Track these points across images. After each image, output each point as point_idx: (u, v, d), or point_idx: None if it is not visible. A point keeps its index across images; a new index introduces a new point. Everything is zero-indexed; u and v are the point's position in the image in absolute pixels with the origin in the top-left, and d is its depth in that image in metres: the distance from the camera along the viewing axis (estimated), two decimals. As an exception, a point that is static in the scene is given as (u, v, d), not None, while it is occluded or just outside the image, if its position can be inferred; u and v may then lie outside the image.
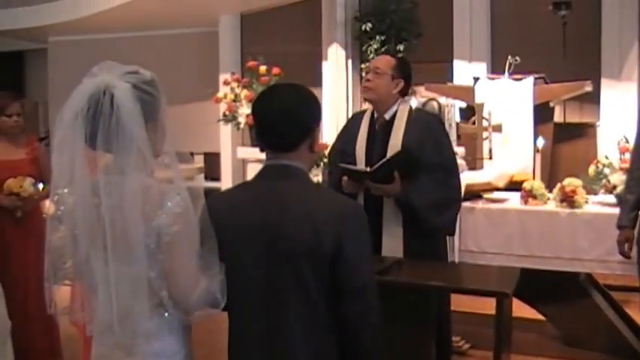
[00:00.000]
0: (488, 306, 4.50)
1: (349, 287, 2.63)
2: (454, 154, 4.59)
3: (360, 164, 4.41)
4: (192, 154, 9.38)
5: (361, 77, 9.09)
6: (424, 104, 7.53)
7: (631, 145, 6.06)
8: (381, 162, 4.26)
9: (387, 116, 4.46)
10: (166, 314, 2.56)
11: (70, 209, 2.58)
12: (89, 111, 2.43)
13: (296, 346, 2.65)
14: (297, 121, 2.74)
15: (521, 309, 5.43)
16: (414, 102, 6.93)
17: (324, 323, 2.67)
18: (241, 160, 9.21)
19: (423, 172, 4.30)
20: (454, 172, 4.48)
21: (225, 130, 9.43)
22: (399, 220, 4.39)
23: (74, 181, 2.51)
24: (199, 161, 9.50)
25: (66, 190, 2.57)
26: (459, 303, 5.32)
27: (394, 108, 4.46)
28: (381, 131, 4.44)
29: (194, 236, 2.50)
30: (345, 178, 4.42)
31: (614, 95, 8.01)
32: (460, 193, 4.58)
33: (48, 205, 6.20)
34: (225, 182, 9.57)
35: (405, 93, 4.51)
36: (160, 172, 2.55)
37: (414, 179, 4.30)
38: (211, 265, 2.55)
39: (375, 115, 4.53)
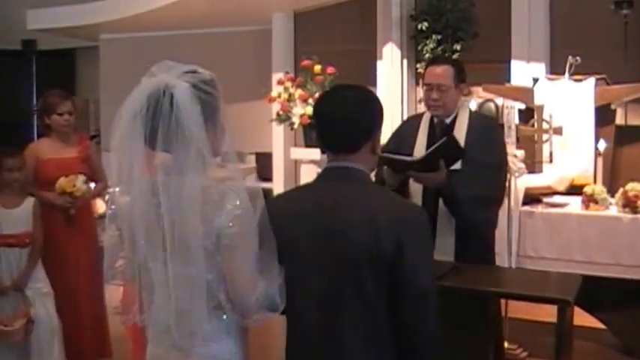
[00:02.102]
0: (544, 313, 4.43)
1: (409, 292, 2.58)
2: (506, 156, 4.57)
3: None
4: (243, 154, 9.40)
5: (417, 77, 9.02)
6: (481, 105, 7.43)
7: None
8: (428, 150, 4.22)
9: (448, 120, 4.46)
10: (224, 317, 2.54)
11: (122, 209, 2.57)
12: (148, 111, 2.42)
13: (355, 353, 2.61)
14: (359, 123, 2.71)
15: (580, 317, 5.29)
16: (473, 103, 6.82)
17: (383, 329, 2.62)
18: (294, 160, 9.17)
19: (470, 168, 4.24)
20: (501, 172, 4.49)
21: (278, 130, 9.38)
22: (452, 221, 4.36)
23: (132, 180, 2.50)
24: (251, 161, 9.50)
25: (117, 189, 2.58)
26: (514, 309, 5.24)
27: (455, 112, 4.46)
28: (441, 135, 4.37)
29: (253, 238, 2.47)
30: (385, 168, 4.35)
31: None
32: (503, 194, 4.56)
33: (98, 204, 6.28)
34: (277, 183, 9.51)
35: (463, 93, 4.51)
36: (215, 172, 2.51)
37: (460, 172, 4.26)
38: (270, 268, 2.53)
39: (435, 120, 4.52)
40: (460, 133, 4.39)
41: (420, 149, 4.45)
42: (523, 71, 8.20)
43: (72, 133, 5.74)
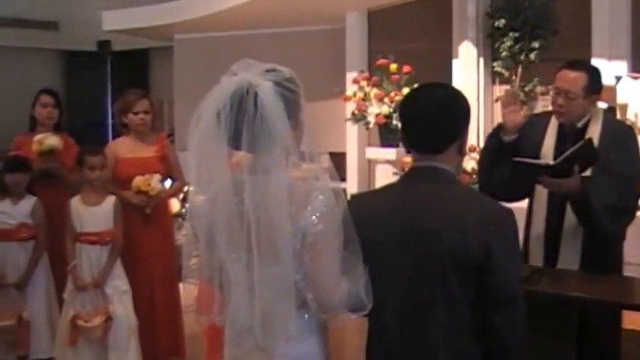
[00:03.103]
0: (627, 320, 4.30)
1: (496, 295, 2.55)
2: None
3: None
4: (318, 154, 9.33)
5: (493, 76, 8.90)
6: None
7: None
8: (564, 155, 4.03)
9: (579, 124, 4.25)
10: (306, 316, 2.52)
11: (198, 208, 2.58)
12: (232, 110, 2.39)
13: (439, 354, 2.58)
14: (447, 123, 2.67)
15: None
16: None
17: (468, 333, 2.58)
18: (368, 160, 9.12)
19: (605, 176, 4.09)
20: (635, 182, 4.23)
21: (352, 130, 9.35)
22: (579, 230, 4.19)
23: (213, 179, 2.49)
24: (325, 161, 9.43)
25: (192, 188, 2.59)
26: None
27: (587, 117, 4.25)
28: (572, 138, 4.20)
29: (338, 237, 2.44)
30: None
31: None
32: (637, 206, 4.28)
33: (173, 203, 6.30)
34: (351, 183, 9.48)
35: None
36: (299, 171, 2.49)
37: (593, 180, 4.08)
38: (355, 267, 2.50)
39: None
40: (593, 138, 4.15)
41: (547, 152, 4.27)
42: (604, 69, 8.00)
43: (149, 132, 5.77)
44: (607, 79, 7.26)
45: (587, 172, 4.08)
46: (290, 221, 2.40)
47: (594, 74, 4.22)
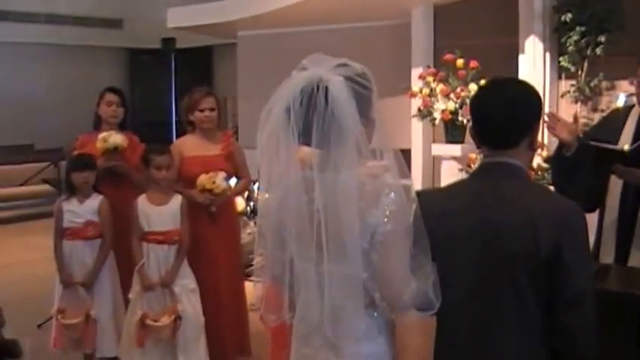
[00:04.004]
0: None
1: (567, 295, 2.53)
2: None
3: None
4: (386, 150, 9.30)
5: (559, 71, 8.79)
6: (625, 99, 7.17)
7: None
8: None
9: None
10: (375, 314, 2.52)
11: (265, 206, 2.60)
12: (302, 105, 2.39)
13: (508, 354, 2.59)
14: (519, 118, 2.67)
15: None
16: (621, 97, 6.56)
17: (538, 333, 2.58)
18: (433, 157, 9.07)
19: None
20: None
21: (417, 127, 9.30)
22: None
23: (282, 176, 2.49)
24: (390, 158, 9.37)
25: (257, 187, 2.57)
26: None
27: None
28: None
29: (408, 235, 2.43)
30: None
31: None
32: None
33: (238, 202, 6.35)
34: (416, 180, 9.41)
35: None
36: (370, 168, 2.50)
37: None
38: (423, 266, 2.48)
39: None
40: None
41: (625, 140, 4.18)
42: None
43: (215, 130, 5.81)
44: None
45: None
46: (359, 219, 2.39)
47: None
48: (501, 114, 2.65)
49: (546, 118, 4.13)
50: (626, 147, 3.98)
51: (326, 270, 2.47)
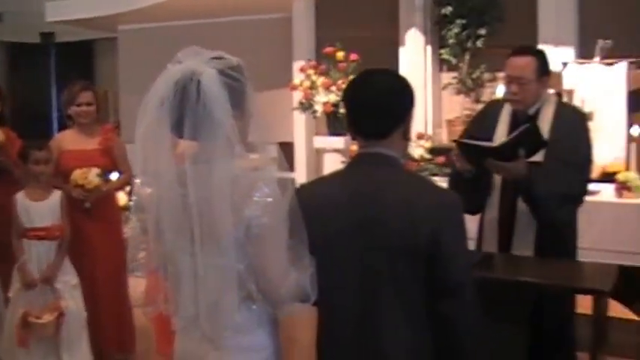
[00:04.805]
0: (579, 304, 4.35)
1: (446, 283, 2.56)
2: (592, 152, 4.34)
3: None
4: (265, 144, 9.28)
5: (440, 64, 8.89)
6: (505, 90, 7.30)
7: None
8: (508, 138, 4.06)
9: (531, 111, 4.27)
10: (254, 307, 2.50)
11: (145, 200, 2.54)
12: (175, 98, 2.38)
13: (389, 343, 2.59)
14: (391, 108, 2.68)
15: (615, 308, 5.18)
16: (500, 89, 6.67)
17: (419, 321, 2.59)
18: (316, 149, 9.07)
19: (554, 162, 4.09)
20: (586, 171, 4.29)
21: (300, 119, 9.29)
22: (532, 217, 4.20)
23: (158, 170, 2.47)
24: (272, 151, 9.37)
25: (138, 181, 2.55)
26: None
27: (538, 104, 4.27)
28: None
29: (284, 227, 2.42)
30: (455, 156, 4.22)
31: None
32: (585, 192, 4.35)
33: (120, 196, 6.26)
34: (299, 173, 9.42)
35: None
36: (246, 161, 2.48)
37: (542, 166, 4.08)
38: (301, 258, 2.48)
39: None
40: (544, 125, 4.21)
41: (500, 139, 4.27)
42: (551, 55, 8.00)
43: (95, 124, 5.74)
44: (554, 66, 7.30)
45: (539, 158, 4.07)
46: (233, 212, 2.37)
47: (542, 57, 4.26)
48: (373, 105, 2.65)
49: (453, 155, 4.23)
50: (496, 143, 4.05)
51: (201, 263, 2.45)
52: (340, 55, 7.95)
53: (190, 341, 2.59)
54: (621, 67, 6.60)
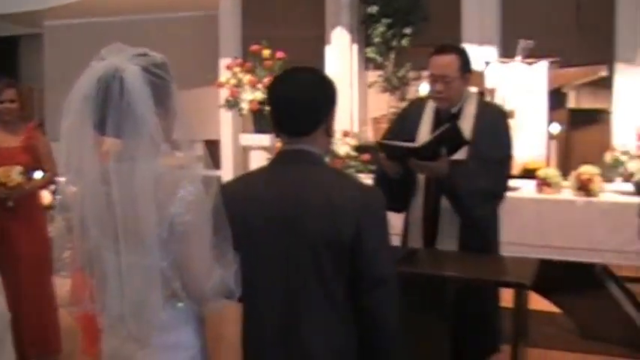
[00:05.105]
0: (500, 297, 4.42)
1: (368, 278, 2.58)
2: (512, 148, 4.41)
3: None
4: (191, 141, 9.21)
5: (366, 62, 8.96)
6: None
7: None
8: (429, 137, 4.10)
9: (454, 110, 4.31)
10: (180, 305, 2.49)
11: (70, 198, 2.51)
12: (98, 95, 2.35)
13: (314, 339, 2.60)
14: (313, 105, 2.69)
15: (535, 301, 5.28)
16: (424, 86, 6.75)
17: (343, 315, 2.61)
18: (242, 147, 9.06)
19: (476, 160, 4.15)
20: (506, 167, 4.35)
21: (226, 117, 9.27)
22: (455, 214, 4.25)
23: (82, 168, 2.43)
24: (199, 149, 9.31)
25: (63, 179, 2.51)
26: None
27: (461, 102, 4.31)
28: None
29: (207, 225, 2.41)
30: (382, 155, 4.25)
31: (629, 80, 7.79)
32: (506, 188, 4.41)
33: (44, 195, 6.15)
34: (226, 171, 9.40)
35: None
36: (170, 159, 2.47)
37: (465, 164, 4.14)
38: (225, 255, 2.47)
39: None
40: (467, 123, 4.25)
41: (423, 138, 4.29)
42: (474, 54, 8.12)
43: (18, 122, 5.63)
44: (477, 65, 7.43)
45: (461, 156, 4.14)
46: (157, 210, 2.36)
47: (464, 55, 4.31)
48: (296, 102, 2.66)
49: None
50: (417, 145, 4.09)
51: (125, 261, 2.42)
52: (267, 53, 7.95)
53: (117, 340, 2.56)
54: (542, 66, 6.73)
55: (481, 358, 4.37)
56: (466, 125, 4.22)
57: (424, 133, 4.34)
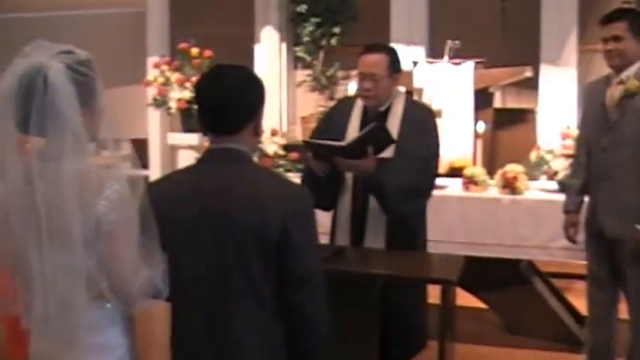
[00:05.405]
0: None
1: (295, 275, 2.60)
2: (439, 147, 4.47)
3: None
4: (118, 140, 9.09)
5: (295, 61, 8.97)
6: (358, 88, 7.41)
7: (572, 131, 6.07)
8: (356, 136, 4.12)
9: (382, 108, 4.35)
10: (108, 305, 2.48)
11: None
12: (21, 93, 2.32)
13: (242, 336, 2.60)
14: (242, 103, 2.69)
15: (462, 297, 5.35)
16: (353, 85, 6.78)
17: (271, 312, 2.62)
18: (170, 146, 9.00)
19: (402, 158, 4.18)
20: (433, 165, 4.40)
21: (154, 116, 9.20)
22: (383, 213, 4.28)
23: (5, 167, 2.39)
24: (126, 148, 9.20)
25: None
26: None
27: (389, 100, 4.35)
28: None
29: (134, 224, 2.40)
30: (309, 154, 4.27)
31: (553, 81, 7.95)
32: (433, 186, 4.47)
33: None
34: (154, 170, 9.32)
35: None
36: (96, 158, 2.45)
37: (391, 162, 4.17)
38: (153, 254, 2.46)
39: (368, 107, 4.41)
40: (394, 121, 4.29)
41: (351, 136, 4.31)
42: (403, 54, 8.18)
43: None
44: (405, 65, 7.48)
45: (389, 154, 4.17)
46: (82, 209, 2.34)
47: (394, 54, 4.36)
48: (223, 101, 2.66)
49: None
50: (344, 143, 4.11)
51: (48, 261, 2.38)
52: (195, 51, 7.90)
53: (44, 342, 2.53)
54: (468, 66, 6.80)
55: (409, 355, 4.42)
56: (393, 124, 4.26)
57: (352, 131, 4.37)
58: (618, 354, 4.61)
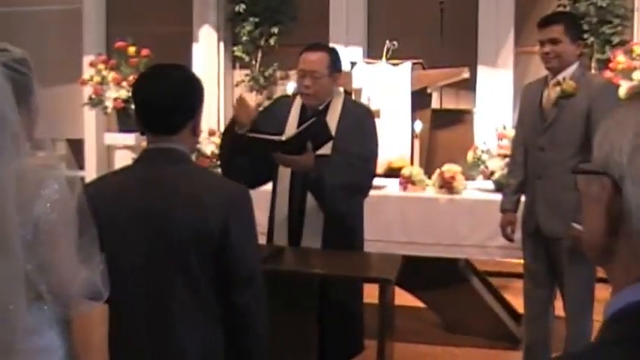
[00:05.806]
0: (365, 294, 4.49)
1: (236, 275, 2.60)
2: (377, 146, 4.47)
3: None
4: (54, 140, 8.98)
5: (234, 61, 8.95)
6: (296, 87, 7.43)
7: (508, 131, 6.14)
8: (296, 131, 4.12)
9: (321, 107, 4.37)
10: (46, 308, 2.43)
11: None
12: None
13: (182, 338, 2.59)
14: (182, 103, 2.68)
15: (401, 297, 5.38)
16: (291, 86, 6.77)
17: (211, 313, 2.62)
18: (107, 147, 8.91)
19: (340, 156, 4.19)
20: (370, 163, 4.39)
21: (90, 116, 9.07)
22: (320, 212, 4.30)
23: None
24: (62, 148, 9.14)
25: None
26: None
27: (328, 100, 4.37)
28: None
29: (73, 225, 2.36)
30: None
31: (490, 82, 8.06)
32: (370, 184, 4.49)
33: None
34: (90, 170, 9.20)
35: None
36: (32, 159, 2.40)
37: (329, 159, 4.18)
38: (91, 256, 2.43)
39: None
40: (332, 119, 4.29)
41: (289, 134, 4.28)
42: (341, 55, 8.23)
43: None
44: (344, 65, 7.50)
45: (327, 151, 4.19)
46: (20, 211, 2.27)
47: (335, 54, 4.41)
48: (162, 100, 2.64)
49: (235, 102, 4.25)
50: (283, 138, 4.11)
51: None
52: (132, 50, 7.82)
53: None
54: (406, 67, 6.83)
55: (348, 356, 4.43)
56: (332, 121, 4.27)
57: (291, 128, 4.36)
58: (554, 350, 4.68)
